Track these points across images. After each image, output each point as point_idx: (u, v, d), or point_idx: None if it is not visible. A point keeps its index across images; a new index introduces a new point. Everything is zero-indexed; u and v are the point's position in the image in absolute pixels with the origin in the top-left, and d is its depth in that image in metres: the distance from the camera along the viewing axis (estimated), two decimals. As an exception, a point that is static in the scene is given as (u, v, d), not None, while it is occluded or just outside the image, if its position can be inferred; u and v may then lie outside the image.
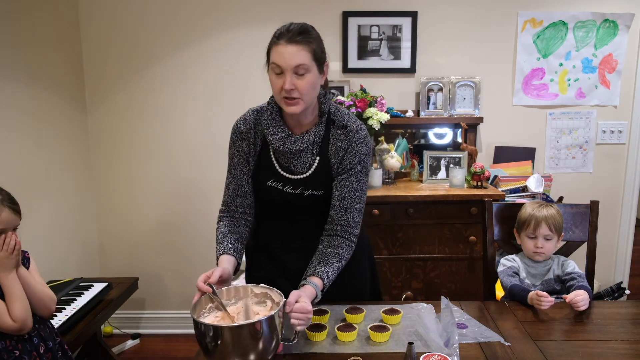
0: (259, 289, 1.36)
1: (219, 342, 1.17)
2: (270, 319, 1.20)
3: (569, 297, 1.60)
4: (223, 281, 1.37)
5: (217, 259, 1.46)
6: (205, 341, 1.18)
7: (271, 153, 1.52)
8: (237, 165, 1.56)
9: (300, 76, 1.36)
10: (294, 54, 1.34)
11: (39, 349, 1.53)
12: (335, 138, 1.50)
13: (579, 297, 1.58)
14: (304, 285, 1.37)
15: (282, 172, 1.51)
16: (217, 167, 3.07)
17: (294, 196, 1.51)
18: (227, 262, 1.42)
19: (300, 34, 1.35)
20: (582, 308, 1.58)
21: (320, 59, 1.40)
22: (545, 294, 1.59)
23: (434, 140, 2.98)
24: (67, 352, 1.65)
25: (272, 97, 1.52)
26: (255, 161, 1.54)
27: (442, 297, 1.57)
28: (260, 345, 1.19)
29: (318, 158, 1.50)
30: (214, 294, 1.30)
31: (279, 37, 1.37)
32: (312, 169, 1.50)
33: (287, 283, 1.45)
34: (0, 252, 1.44)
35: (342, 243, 1.48)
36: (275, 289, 1.33)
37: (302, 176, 1.50)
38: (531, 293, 1.63)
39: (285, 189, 1.51)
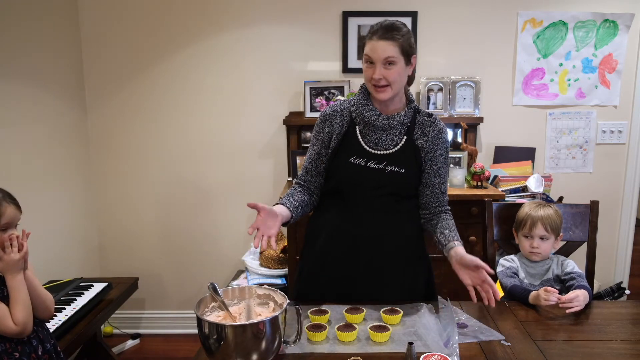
0: (262, 290, 1.37)
1: (221, 341, 1.17)
2: (274, 320, 1.20)
3: (563, 299, 1.58)
4: (268, 212, 1.49)
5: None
6: (208, 340, 1.19)
7: (357, 132, 1.65)
8: (318, 146, 1.70)
9: (388, 67, 1.54)
10: (384, 48, 1.53)
11: (37, 351, 1.53)
12: (422, 123, 1.67)
13: (567, 299, 1.57)
14: (453, 248, 1.58)
15: (367, 148, 1.63)
16: (217, 166, 3.08)
17: (376, 172, 1.62)
18: (277, 207, 1.58)
19: (390, 31, 1.53)
20: (576, 309, 1.57)
21: (408, 53, 1.57)
22: (553, 289, 1.59)
23: (434, 140, 2.98)
24: (60, 354, 1.65)
25: (361, 85, 1.68)
26: (339, 140, 1.66)
27: (439, 297, 1.58)
28: (263, 345, 1.19)
29: (405, 137, 1.64)
30: (216, 294, 1.30)
31: (372, 33, 1.55)
32: (398, 147, 1.63)
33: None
34: (12, 253, 1.43)
35: (450, 217, 1.70)
36: (279, 291, 1.34)
37: (388, 152, 1.63)
38: (535, 291, 1.63)
39: (369, 164, 1.62)
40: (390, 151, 1.63)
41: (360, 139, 1.64)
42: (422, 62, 2.96)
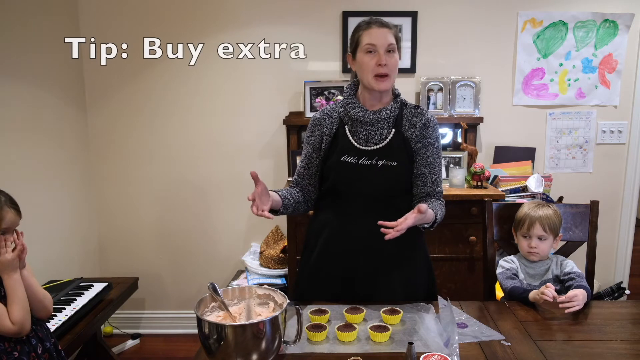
0: (262, 290, 1.37)
1: (221, 341, 1.17)
2: (274, 320, 1.20)
3: (561, 299, 1.58)
4: (263, 189, 1.50)
5: None
6: (208, 340, 1.19)
7: (347, 131, 1.68)
8: (309, 150, 1.74)
9: (390, 54, 1.60)
10: (386, 35, 1.60)
11: (37, 350, 1.53)
12: (409, 116, 1.69)
13: (567, 298, 1.57)
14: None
15: (358, 145, 1.65)
16: (217, 167, 3.08)
17: (368, 168, 1.63)
18: (271, 192, 1.58)
19: (385, 21, 1.62)
20: (575, 309, 1.57)
21: (399, 43, 1.65)
22: (552, 286, 1.59)
23: (434, 140, 2.98)
24: (61, 352, 1.65)
25: (347, 86, 1.74)
26: (330, 141, 1.69)
27: (439, 297, 1.57)
28: (263, 345, 1.19)
29: (393, 130, 1.66)
30: (216, 294, 1.31)
31: (369, 24, 1.61)
32: (387, 140, 1.65)
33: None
34: (6, 253, 1.44)
35: (438, 201, 1.69)
36: (279, 290, 1.34)
37: (378, 146, 1.64)
38: (535, 291, 1.63)
39: (360, 161, 1.64)
40: (380, 145, 1.64)
41: (350, 137, 1.66)
42: (422, 62, 2.96)
